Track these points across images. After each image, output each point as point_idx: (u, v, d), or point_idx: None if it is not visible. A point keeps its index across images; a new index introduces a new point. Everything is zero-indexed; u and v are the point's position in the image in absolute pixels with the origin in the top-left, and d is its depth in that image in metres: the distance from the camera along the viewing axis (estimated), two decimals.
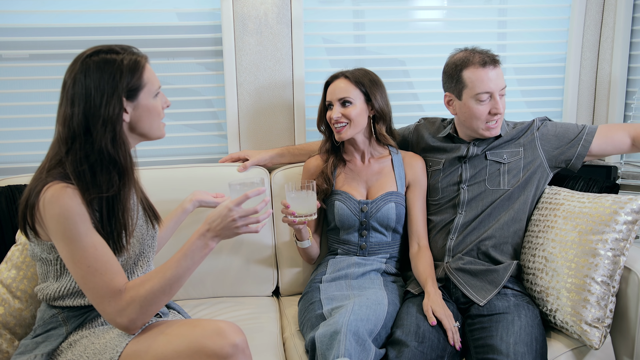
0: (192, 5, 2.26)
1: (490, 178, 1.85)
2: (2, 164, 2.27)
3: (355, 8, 2.39)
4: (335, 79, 1.92)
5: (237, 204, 1.32)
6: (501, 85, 1.79)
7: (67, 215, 1.25)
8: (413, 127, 2.09)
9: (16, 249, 1.70)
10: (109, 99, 1.29)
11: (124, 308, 1.26)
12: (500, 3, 2.45)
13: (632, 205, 1.62)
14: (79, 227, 1.26)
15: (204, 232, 1.33)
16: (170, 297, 1.31)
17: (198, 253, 1.33)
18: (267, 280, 2.13)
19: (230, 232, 1.34)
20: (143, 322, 1.29)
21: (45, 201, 1.26)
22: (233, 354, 1.26)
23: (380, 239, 1.91)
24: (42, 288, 1.43)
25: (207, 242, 1.33)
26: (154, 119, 1.39)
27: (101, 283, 1.26)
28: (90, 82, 1.29)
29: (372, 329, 1.57)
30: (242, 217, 1.32)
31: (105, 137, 1.30)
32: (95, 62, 1.31)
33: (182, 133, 2.35)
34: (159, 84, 1.40)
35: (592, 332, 1.58)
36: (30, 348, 1.38)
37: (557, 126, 1.88)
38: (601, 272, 1.59)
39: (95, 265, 1.26)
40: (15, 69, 2.22)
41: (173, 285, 1.30)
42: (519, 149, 1.86)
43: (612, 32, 2.35)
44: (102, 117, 1.29)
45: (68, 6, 2.20)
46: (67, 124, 1.30)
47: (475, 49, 1.83)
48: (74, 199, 1.26)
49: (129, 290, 1.28)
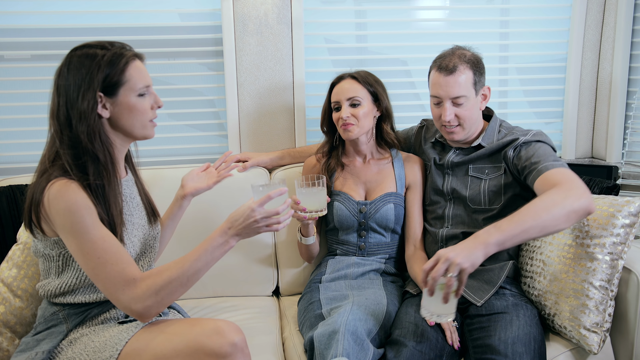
0: (193, 6, 2.27)
1: (471, 196, 1.80)
2: (3, 164, 2.28)
3: (357, 8, 2.39)
4: (341, 79, 1.91)
5: (260, 204, 1.34)
6: (453, 94, 1.74)
7: (73, 209, 1.26)
8: (415, 128, 2.09)
9: (17, 248, 1.71)
10: (84, 93, 1.31)
11: (140, 296, 1.27)
12: (502, 3, 2.45)
13: (629, 208, 1.59)
14: (86, 220, 1.27)
15: (226, 229, 1.35)
16: (185, 289, 1.32)
17: (218, 249, 1.34)
18: (267, 280, 2.13)
19: (252, 231, 1.36)
20: (157, 311, 1.30)
21: (50, 197, 1.27)
22: (232, 353, 1.26)
23: (379, 240, 1.91)
24: (43, 285, 1.44)
25: (228, 239, 1.35)
26: (136, 117, 1.39)
27: (114, 273, 1.27)
28: (71, 76, 1.32)
29: (370, 328, 1.57)
30: (264, 217, 1.34)
31: (82, 130, 1.32)
32: (78, 55, 1.34)
33: (183, 133, 2.36)
34: (147, 83, 1.40)
35: (591, 337, 1.57)
36: (31, 345, 1.39)
37: (537, 149, 1.71)
38: (599, 277, 1.57)
39: (105, 256, 1.27)
40: (17, 69, 2.23)
41: (190, 278, 1.31)
42: (501, 164, 1.78)
43: (613, 31, 2.34)
44: (78, 110, 1.31)
45: (70, 7, 2.21)
46: (54, 115, 1.35)
47: (453, 50, 1.79)
48: (78, 192, 1.28)
49: (146, 279, 1.28)
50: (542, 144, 1.71)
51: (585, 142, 2.50)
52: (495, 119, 1.87)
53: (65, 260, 1.39)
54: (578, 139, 2.48)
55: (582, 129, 2.48)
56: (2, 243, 1.82)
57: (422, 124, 2.09)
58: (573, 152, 2.48)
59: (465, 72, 1.74)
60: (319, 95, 2.36)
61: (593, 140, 2.50)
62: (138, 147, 1.56)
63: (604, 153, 2.43)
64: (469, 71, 1.75)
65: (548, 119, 2.52)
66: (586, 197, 1.49)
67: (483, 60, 1.81)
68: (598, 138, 2.47)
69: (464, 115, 1.76)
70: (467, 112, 1.76)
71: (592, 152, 2.51)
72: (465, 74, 1.74)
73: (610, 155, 2.39)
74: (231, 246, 1.36)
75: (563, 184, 1.52)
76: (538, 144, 1.71)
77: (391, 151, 1.98)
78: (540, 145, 1.70)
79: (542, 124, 2.53)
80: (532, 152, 1.69)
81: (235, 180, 2.07)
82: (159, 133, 2.30)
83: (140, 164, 1.64)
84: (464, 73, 1.74)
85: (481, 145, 1.82)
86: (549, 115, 2.51)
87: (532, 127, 2.47)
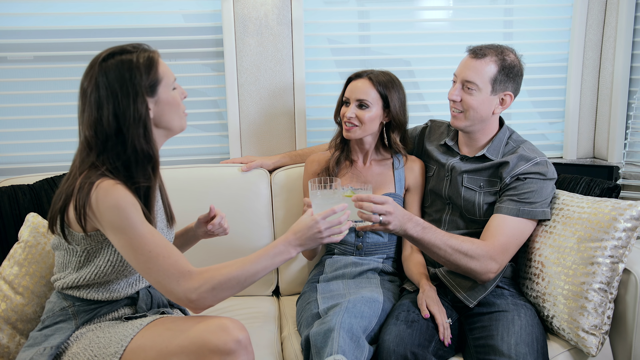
0: (194, 7, 2.28)
1: (466, 207, 1.80)
2: (6, 164, 2.30)
3: (358, 9, 2.39)
4: (358, 77, 1.89)
5: (324, 217, 1.38)
6: (466, 77, 1.74)
7: (121, 205, 1.28)
8: (419, 129, 2.08)
9: (19, 246, 1.72)
10: (135, 98, 1.32)
11: (197, 287, 1.29)
12: (505, 3, 2.44)
13: (631, 212, 1.58)
14: (135, 216, 1.29)
15: (290, 239, 1.38)
16: (241, 288, 1.34)
17: (279, 257, 1.37)
18: (267, 280, 2.14)
19: (315, 241, 1.39)
20: (211, 304, 1.32)
21: (99, 196, 1.28)
22: (236, 350, 1.27)
23: (377, 240, 1.91)
24: (58, 277, 1.46)
25: (290, 249, 1.38)
26: (175, 110, 1.43)
27: (167, 265, 1.29)
28: (114, 84, 1.32)
29: (366, 325, 1.58)
30: (327, 228, 1.38)
31: (139, 135, 1.34)
32: (113, 64, 1.33)
33: (185, 133, 2.35)
34: (174, 76, 1.44)
35: (590, 339, 1.56)
36: (40, 341, 1.41)
37: (533, 186, 1.71)
38: (599, 280, 1.57)
39: (157, 250, 1.30)
40: (20, 70, 2.25)
41: (248, 279, 1.33)
42: (497, 180, 1.77)
43: (614, 31, 2.33)
44: (132, 117, 1.32)
45: (72, 8, 2.23)
46: (96, 127, 1.33)
47: (499, 44, 1.78)
48: (124, 190, 1.31)
49: (205, 272, 1.31)
50: (538, 180, 1.71)
51: (587, 142, 2.49)
52: (504, 129, 1.83)
53: (88, 256, 1.41)
54: (580, 139, 2.47)
55: (584, 129, 2.47)
56: (4, 241, 1.84)
57: (426, 125, 2.08)
58: (575, 152, 2.47)
59: (490, 65, 1.72)
60: (320, 95, 2.37)
61: (595, 140, 2.49)
62: None
63: (606, 153, 2.42)
64: (494, 66, 1.72)
65: (551, 119, 2.51)
66: (489, 271, 1.64)
67: (521, 71, 1.77)
68: (599, 138, 2.45)
69: (470, 103, 1.74)
70: (473, 102, 1.73)
71: (593, 152, 2.50)
72: (489, 66, 1.72)
73: (612, 155, 2.38)
74: (292, 256, 1.39)
75: (487, 245, 1.64)
76: (534, 180, 1.71)
77: (395, 155, 1.98)
78: (535, 182, 1.71)
79: (546, 124, 2.52)
80: (525, 187, 1.70)
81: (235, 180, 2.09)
82: None
83: None
84: (488, 64, 1.72)
85: (485, 157, 1.80)
86: (551, 115, 2.51)
87: (535, 128, 2.51)
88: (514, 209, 1.68)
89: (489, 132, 1.82)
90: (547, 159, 1.75)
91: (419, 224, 1.58)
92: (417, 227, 1.57)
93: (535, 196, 1.69)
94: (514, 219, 1.68)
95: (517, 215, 1.68)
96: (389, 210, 1.50)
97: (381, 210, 1.49)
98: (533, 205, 1.69)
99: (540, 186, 1.70)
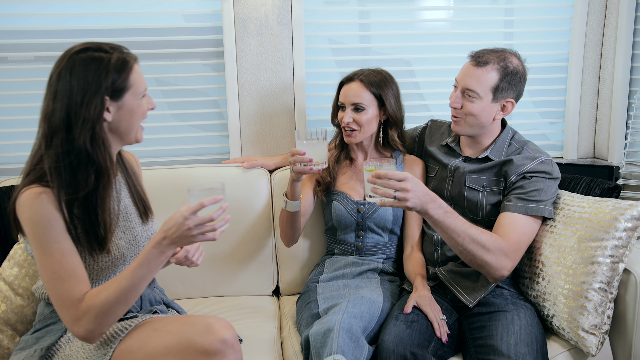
0: (194, 7, 2.28)
1: (469, 207, 1.79)
2: (7, 164, 2.30)
3: (359, 9, 2.39)
4: (350, 80, 1.89)
5: (192, 212, 1.25)
6: (465, 85, 1.72)
7: (37, 220, 1.25)
8: (420, 129, 2.08)
9: (18, 247, 1.73)
10: (91, 98, 1.28)
11: (80, 317, 1.26)
12: (506, 3, 2.44)
13: (632, 212, 1.58)
14: (49, 233, 1.26)
15: (160, 240, 1.28)
16: (127, 306, 1.28)
17: (154, 261, 1.28)
18: (267, 280, 2.14)
19: (187, 240, 1.27)
20: (101, 332, 1.28)
21: (20, 205, 1.27)
22: (222, 350, 1.27)
23: (377, 240, 1.91)
24: (38, 287, 1.46)
25: (163, 249, 1.28)
26: (136, 120, 1.38)
27: (62, 290, 1.26)
28: (74, 80, 1.28)
29: (366, 325, 1.58)
30: (197, 225, 1.25)
31: (85, 135, 1.28)
32: (82, 59, 1.30)
33: (186, 134, 2.37)
34: (146, 86, 1.39)
35: (589, 338, 1.56)
36: (31, 343, 1.41)
37: (537, 185, 1.71)
38: (599, 279, 1.57)
39: (59, 272, 1.26)
40: (20, 71, 2.25)
41: (129, 295, 1.27)
42: (501, 179, 1.76)
43: (614, 31, 2.33)
44: (82, 116, 1.27)
45: (73, 9, 2.23)
46: (48, 119, 1.30)
47: (503, 49, 1.77)
48: (46, 204, 1.26)
49: (86, 300, 1.26)
50: (544, 179, 1.70)
51: (588, 142, 2.48)
52: (507, 130, 1.83)
53: None
54: (580, 139, 2.47)
55: (584, 129, 2.47)
56: (4, 242, 1.84)
57: (426, 124, 2.08)
58: (575, 152, 2.47)
59: (491, 73, 1.70)
60: (320, 95, 2.37)
61: (595, 140, 2.48)
62: (140, 147, 1.55)
63: (606, 153, 2.42)
64: (496, 74, 1.70)
65: (552, 119, 2.50)
66: (503, 267, 1.61)
67: (524, 76, 1.76)
68: (600, 138, 2.45)
69: (470, 111, 1.73)
70: (474, 110, 1.72)
71: (594, 152, 2.50)
72: (490, 75, 1.70)
73: (612, 155, 2.38)
74: (168, 256, 1.30)
75: (504, 241, 1.62)
76: (540, 179, 1.70)
77: (393, 152, 1.98)
78: (541, 181, 1.70)
79: (547, 124, 2.52)
80: (531, 186, 1.69)
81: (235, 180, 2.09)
82: (162, 133, 2.34)
83: (143, 165, 1.65)
84: (489, 73, 1.70)
85: (489, 158, 1.79)
86: (551, 115, 2.50)
87: (536, 128, 2.50)
88: (522, 207, 1.67)
89: (492, 135, 1.81)
90: (551, 158, 1.75)
91: (442, 207, 1.55)
92: (439, 210, 1.54)
93: (542, 194, 1.68)
94: (523, 218, 1.67)
95: (525, 213, 1.67)
96: (406, 187, 1.46)
97: (397, 187, 1.46)
98: (540, 203, 1.68)
99: (546, 185, 1.70)
